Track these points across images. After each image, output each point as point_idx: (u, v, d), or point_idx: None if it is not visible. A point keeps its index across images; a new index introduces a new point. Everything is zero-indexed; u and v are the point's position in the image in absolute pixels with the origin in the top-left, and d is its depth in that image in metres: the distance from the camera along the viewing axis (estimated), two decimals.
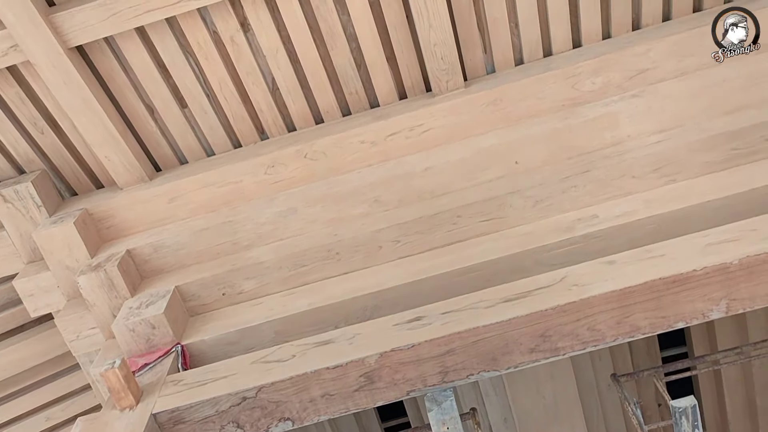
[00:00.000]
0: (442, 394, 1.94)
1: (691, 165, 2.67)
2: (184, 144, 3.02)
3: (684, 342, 3.89)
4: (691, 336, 3.58)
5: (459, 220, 2.72)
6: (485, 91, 2.84)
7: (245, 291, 2.80)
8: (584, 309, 2.19)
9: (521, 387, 3.02)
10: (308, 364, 2.26)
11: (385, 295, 2.62)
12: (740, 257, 2.14)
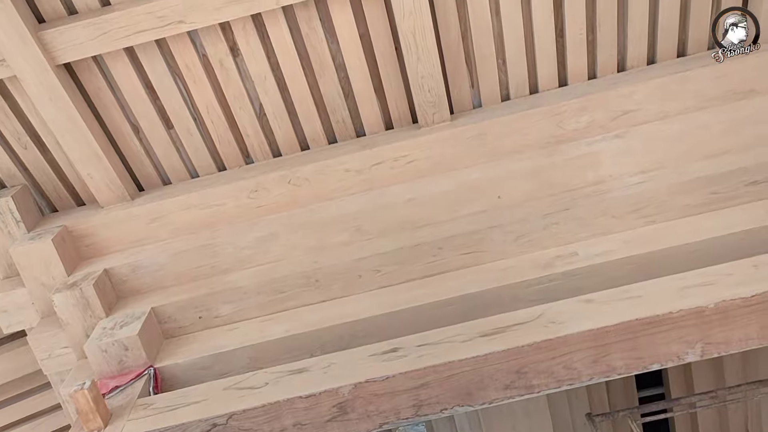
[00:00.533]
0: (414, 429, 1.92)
1: (671, 207, 2.70)
2: (168, 165, 3.01)
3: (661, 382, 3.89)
4: (668, 377, 3.58)
5: (439, 252, 2.73)
6: (471, 125, 2.86)
7: (222, 315, 2.77)
8: (560, 347, 2.19)
9: (496, 423, 3.00)
10: (281, 393, 2.24)
11: (362, 324, 2.61)
12: (716, 301, 2.15)
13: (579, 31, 2.84)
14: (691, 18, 2.85)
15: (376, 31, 2.73)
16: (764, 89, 2.81)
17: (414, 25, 2.61)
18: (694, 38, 2.91)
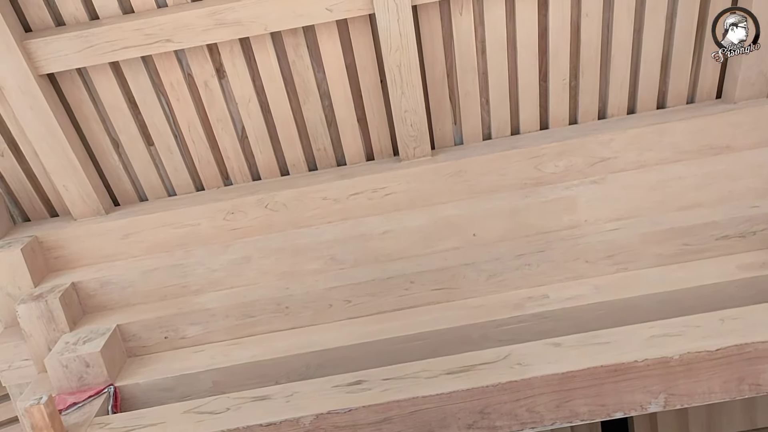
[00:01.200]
0: None
1: (643, 256, 2.72)
2: (146, 181, 3.00)
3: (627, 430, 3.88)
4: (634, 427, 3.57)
5: (411, 286, 2.72)
6: (451, 162, 2.88)
7: (188, 336, 2.74)
8: (525, 389, 2.18)
9: None
10: (241, 419, 2.21)
11: (329, 354, 2.59)
12: (681, 353, 2.16)
13: (562, 77, 2.88)
14: (671, 71, 2.91)
15: (363, 62, 2.76)
16: (739, 146, 2.87)
17: (400, 59, 2.64)
18: (674, 91, 2.97)
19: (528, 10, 2.69)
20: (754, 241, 2.69)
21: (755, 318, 2.26)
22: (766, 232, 2.68)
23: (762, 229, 2.68)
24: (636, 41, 2.82)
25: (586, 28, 2.75)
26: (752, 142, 2.86)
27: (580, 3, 2.69)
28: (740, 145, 2.87)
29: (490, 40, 2.75)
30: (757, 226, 2.68)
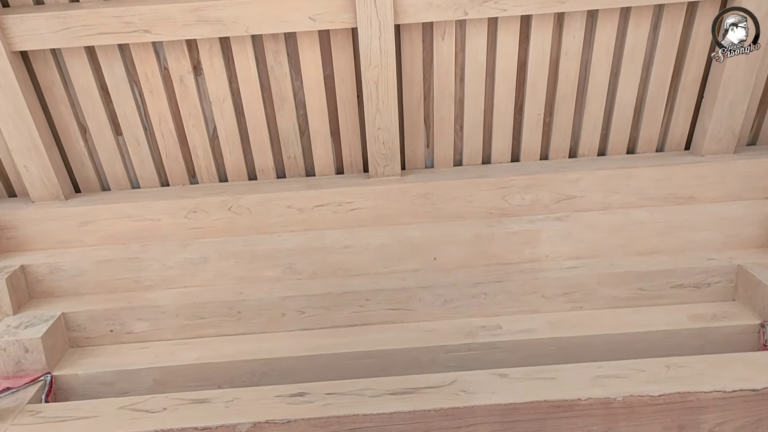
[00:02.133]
0: None
1: (599, 296, 2.74)
2: (111, 171, 2.95)
3: None
4: None
5: (367, 303, 2.70)
6: (419, 183, 2.88)
7: (135, 332, 2.69)
8: (466, 417, 2.16)
9: None
10: (177, 421, 2.15)
11: (276, 363, 2.55)
12: (624, 395, 2.16)
13: (537, 112, 2.91)
14: (643, 118, 2.96)
15: (341, 75, 2.76)
16: (703, 198, 2.92)
17: (378, 76, 2.65)
18: (644, 138, 3.01)
19: (509, 42, 2.72)
20: (708, 293, 2.72)
21: (700, 368, 2.27)
22: (720, 285, 2.72)
23: (716, 282, 2.72)
24: (612, 84, 2.87)
25: (564, 65, 2.79)
26: (715, 195, 2.91)
27: (561, 40, 2.73)
28: (703, 198, 2.91)
29: (469, 68, 2.77)
30: (712, 278, 2.72)
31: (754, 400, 2.17)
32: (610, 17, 2.68)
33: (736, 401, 2.17)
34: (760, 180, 2.90)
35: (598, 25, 2.70)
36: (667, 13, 2.67)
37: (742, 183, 2.90)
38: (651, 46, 2.78)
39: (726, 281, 2.71)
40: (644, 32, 2.72)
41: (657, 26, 2.72)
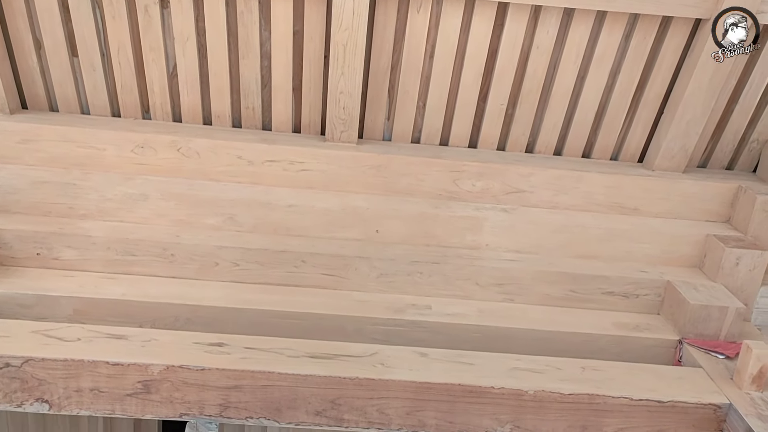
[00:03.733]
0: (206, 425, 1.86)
1: (532, 292, 2.77)
2: (61, 92, 2.87)
3: None
4: None
5: (302, 265, 2.69)
6: (374, 155, 2.87)
7: (62, 259, 2.63)
8: (380, 389, 2.18)
9: None
10: (89, 353, 2.13)
11: (202, 311, 2.53)
12: (536, 389, 2.20)
13: (501, 102, 2.91)
14: (603, 125, 2.98)
15: (311, 32, 2.72)
16: (647, 212, 2.97)
17: (348, 38, 2.61)
18: (601, 144, 3.05)
19: (483, 27, 2.70)
20: (636, 303, 2.78)
21: (613, 373, 2.33)
22: (648, 298, 2.78)
23: (645, 294, 2.78)
24: (577, 87, 2.88)
25: (534, 60, 2.79)
26: (659, 210, 2.96)
27: (534, 34, 2.73)
28: (647, 211, 2.97)
29: (440, 46, 2.76)
30: (641, 290, 2.78)
31: (658, 412, 2.23)
32: (585, 18, 2.68)
33: (640, 410, 2.23)
34: (703, 202, 2.96)
35: (572, 25, 2.70)
36: (641, 23, 2.69)
37: (686, 203, 2.96)
38: (621, 54, 2.80)
39: (654, 295, 2.77)
40: (616, 39, 2.73)
41: (629, 35, 2.74)
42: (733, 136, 3.06)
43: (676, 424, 2.25)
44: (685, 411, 2.23)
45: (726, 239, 2.81)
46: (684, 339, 2.59)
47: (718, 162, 3.15)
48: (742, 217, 2.90)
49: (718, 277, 2.77)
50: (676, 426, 2.25)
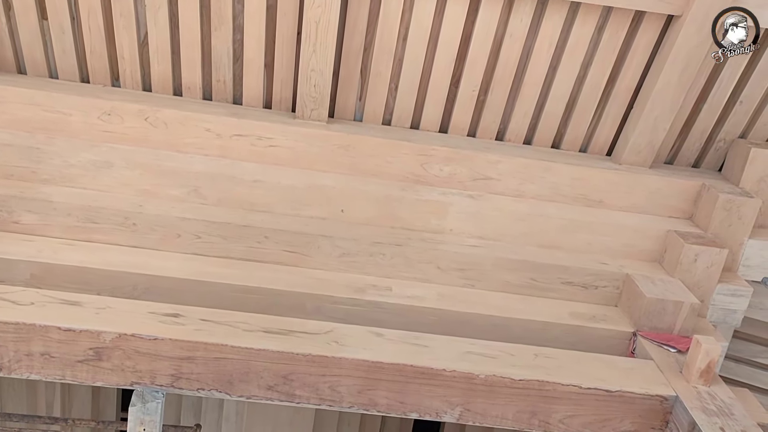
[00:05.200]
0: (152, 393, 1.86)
1: (492, 278, 2.79)
2: (30, 55, 2.83)
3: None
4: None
5: (265, 240, 2.69)
6: (343, 134, 2.86)
7: (22, 223, 2.61)
8: (333, 367, 2.20)
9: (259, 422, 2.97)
10: (41, 317, 2.12)
11: (160, 282, 2.53)
12: (487, 373, 2.23)
13: (473, 88, 2.92)
14: (573, 117, 3.00)
15: (285, 8, 2.70)
16: (611, 205, 2.99)
17: (320, 16, 2.60)
18: (570, 136, 3.06)
19: (457, 13, 2.70)
20: (594, 294, 2.81)
21: (565, 362, 2.36)
22: (607, 290, 2.81)
23: (604, 286, 2.81)
24: (549, 76, 2.89)
25: (507, 47, 2.79)
26: (623, 204, 2.99)
27: (508, 21, 2.73)
28: (612, 205, 2.99)
29: (414, 29, 2.75)
30: (600, 282, 2.81)
31: (606, 401, 2.27)
32: (559, 8, 2.69)
33: (589, 398, 2.26)
34: (667, 198, 2.99)
35: (546, 14, 2.71)
36: (614, 17, 2.70)
37: (650, 198, 2.99)
38: (593, 46, 2.81)
39: (612, 287, 2.81)
40: (589, 31, 2.74)
41: (602, 28, 2.75)
42: (701, 135, 3.09)
43: (623, 414, 2.28)
44: (632, 401, 2.26)
45: (686, 235, 2.84)
46: (638, 331, 2.63)
47: (684, 159, 3.18)
48: (704, 214, 2.94)
49: (676, 273, 2.80)
50: (622, 416, 2.28)
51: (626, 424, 2.29)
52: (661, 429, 2.30)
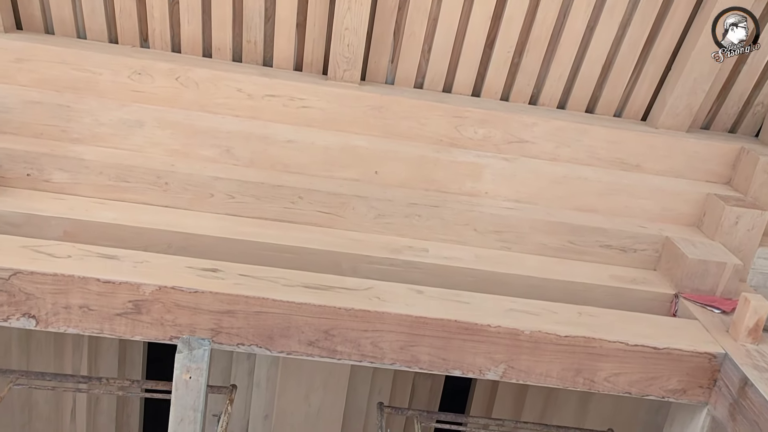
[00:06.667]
0: (198, 341, 1.81)
1: (529, 241, 2.74)
2: (58, 15, 2.78)
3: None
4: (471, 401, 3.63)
5: (299, 201, 2.64)
6: (375, 95, 2.82)
7: (53, 181, 2.56)
8: (375, 322, 2.15)
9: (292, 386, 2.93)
10: (79, 269, 2.07)
11: (196, 240, 2.48)
12: (532, 329, 2.18)
13: (507, 50, 2.87)
14: (609, 79, 2.95)
15: None
16: (648, 168, 2.94)
17: None
18: (605, 100, 3.01)
19: None
20: (633, 258, 2.76)
21: (609, 319, 2.32)
22: (646, 253, 2.76)
23: (643, 249, 2.76)
24: (586, 37, 2.84)
25: (543, 6, 2.74)
26: (661, 168, 2.94)
27: None
28: (649, 168, 2.94)
29: None
30: (639, 245, 2.76)
31: (653, 358, 2.22)
32: None
33: (636, 356, 2.22)
34: (705, 162, 2.94)
35: None
36: None
37: (687, 162, 2.94)
38: (632, 5, 2.75)
39: (652, 250, 2.76)
40: None
41: None
42: (738, 98, 3.03)
43: (670, 372, 2.23)
44: (680, 359, 2.22)
45: (726, 198, 2.79)
46: (680, 293, 2.58)
47: (721, 124, 3.12)
48: (743, 178, 2.89)
49: (717, 236, 2.75)
50: (669, 374, 2.24)
51: (673, 382, 2.25)
52: (709, 387, 2.25)
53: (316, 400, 3.01)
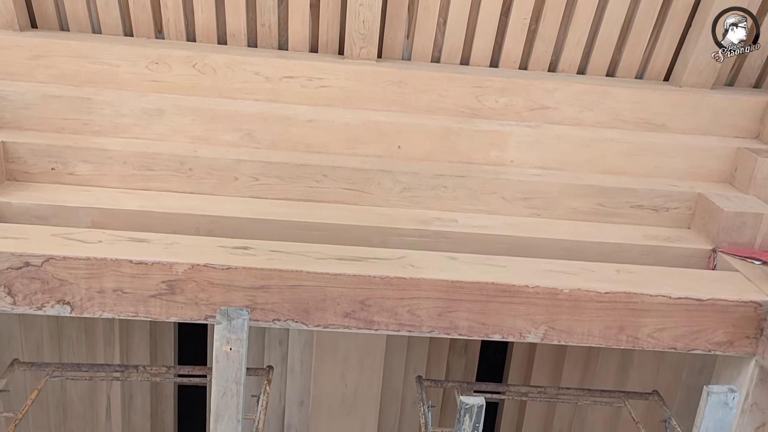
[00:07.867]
0: (237, 311, 1.79)
1: (559, 206, 2.70)
2: (72, 10, 2.79)
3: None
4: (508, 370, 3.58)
5: (324, 179, 2.62)
6: (395, 70, 2.80)
7: (78, 173, 2.55)
8: (411, 289, 2.12)
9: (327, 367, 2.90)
10: (111, 252, 2.06)
11: (223, 222, 2.46)
12: (571, 288, 2.14)
13: (524, 17, 2.84)
14: (628, 41, 2.91)
15: None
16: (674, 127, 2.89)
17: None
18: (626, 62, 2.97)
19: None
20: (665, 217, 2.72)
21: (649, 275, 2.27)
22: (678, 211, 2.71)
23: (675, 208, 2.71)
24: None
25: None
26: (687, 126, 2.89)
27: None
28: (675, 127, 2.89)
29: None
30: (671, 203, 2.71)
31: (697, 311, 2.17)
32: None
33: (679, 309, 2.17)
34: (731, 117, 2.89)
35: None
36: None
37: (714, 118, 2.89)
38: None
39: (684, 208, 2.71)
40: None
41: None
42: (761, 53, 2.97)
43: (716, 324, 2.18)
44: (725, 309, 2.16)
45: (758, 151, 2.74)
46: (718, 248, 2.53)
47: (745, 80, 3.07)
48: None
49: (750, 189, 2.70)
50: (715, 326, 2.18)
51: (719, 334, 2.19)
52: (756, 337, 2.20)
53: (352, 381, 2.98)
